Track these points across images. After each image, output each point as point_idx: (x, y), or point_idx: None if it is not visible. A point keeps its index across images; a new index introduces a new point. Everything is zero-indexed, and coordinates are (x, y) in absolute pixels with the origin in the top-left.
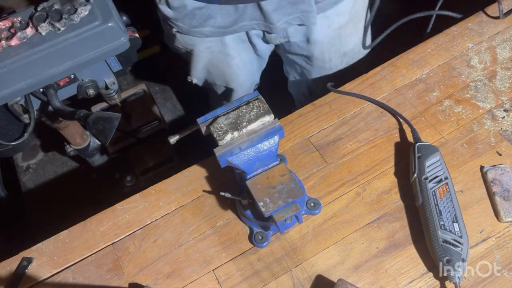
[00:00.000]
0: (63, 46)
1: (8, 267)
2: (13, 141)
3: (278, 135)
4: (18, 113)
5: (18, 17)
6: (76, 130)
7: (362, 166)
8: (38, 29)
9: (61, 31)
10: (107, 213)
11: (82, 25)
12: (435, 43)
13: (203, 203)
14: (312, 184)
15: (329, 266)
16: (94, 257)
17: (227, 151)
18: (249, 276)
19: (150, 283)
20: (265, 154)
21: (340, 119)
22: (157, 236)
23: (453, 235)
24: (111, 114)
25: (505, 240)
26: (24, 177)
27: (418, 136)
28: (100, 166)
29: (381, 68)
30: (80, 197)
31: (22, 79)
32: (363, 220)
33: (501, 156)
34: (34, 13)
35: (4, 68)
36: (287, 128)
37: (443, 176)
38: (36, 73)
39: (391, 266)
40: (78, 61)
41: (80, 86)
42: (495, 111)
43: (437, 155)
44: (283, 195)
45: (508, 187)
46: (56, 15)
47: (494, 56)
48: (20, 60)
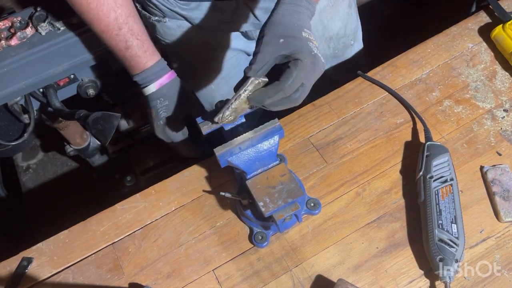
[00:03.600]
0: (62, 46)
1: (8, 267)
2: (13, 141)
3: (278, 135)
4: (18, 113)
5: (18, 17)
6: (76, 130)
7: (362, 166)
8: (38, 29)
9: (60, 31)
10: (107, 213)
11: (82, 25)
12: (435, 43)
13: (203, 203)
14: (312, 184)
15: (329, 266)
16: (94, 257)
17: (227, 151)
18: (249, 276)
19: (150, 283)
20: (265, 154)
21: (340, 119)
22: (157, 236)
23: (450, 235)
24: (111, 114)
25: (505, 240)
26: (24, 177)
27: (430, 136)
28: (100, 166)
29: (381, 68)
30: (80, 197)
31: (22, 79)
32: (363, 220)
33: (501, 156)
34: (34, 13)
35: (4, 68)
36: (287, 128)
37: (448, 177)
38: (35, 73)
39: (391, 266)
40: (78, 61)
41: (80, 86)
42: (495, 111)
43: (446, 156)
44: (283, 195)
45: (508, 187)
46: (56, 15)
47: (494, 56)
48: (20, 60)
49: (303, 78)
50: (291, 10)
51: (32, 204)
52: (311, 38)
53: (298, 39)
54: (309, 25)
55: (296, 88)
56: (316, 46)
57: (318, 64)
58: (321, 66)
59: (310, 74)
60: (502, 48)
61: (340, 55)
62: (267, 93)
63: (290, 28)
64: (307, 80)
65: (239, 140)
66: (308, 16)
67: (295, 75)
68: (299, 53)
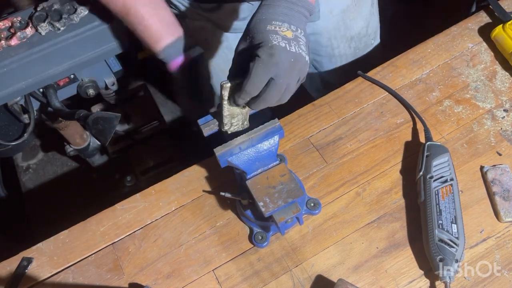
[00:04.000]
0: (62, 46)
1: (8, 267)
2: (13, 141)
3: (278, 135)
4: (18, 113)
5: (18, 17)
6: (76, 130)
7: (362, 166)
8: (38, 29)
9: (60, 31)
10: (107, 213)
11: (81, 25)
12: (435, 43)
13: (203, 203)
14: (312, 184)
15: (329, 266)
16: (94, 257)
17: (227, 151)
18: (249, 276)
19: (150, 283)
20: (265, 154)
21: (340, 119)
22: (157, 236)
23: (450, 235)
24: (111, 114)
25: (505, 240)
26: (24, 177)
27: (430, 136)
28: (100, 166)
29: (381, 68)
30: (80, 197)
31: (22, 79)
32: (363, 220)
33: (501, 156)
34: (34, 13)
35: (4, 68)
36: (287, 128)
37: (448, 177)
38: (35, 73)
39: (391, 266)
40: (78, 61)
41: (80, 86)
42: (495, 111)
43: (446, 156)
44: (283, 195)
45: (508, 187)
46: (55, 15)
47: (494, 56)
48: (19, 60)
49: (264, 74)
50: (264, 9)
51: (32, 204)
52: (278, 30)
53: (260, 33)
54: (285, 18)
55: (259, 85)
56: (287, 36)
57: (279, 56)
58: (284, 57)
59: (272, 68)
60: (502, 48)
61: (360, 55)
62: (236, 93)
63: (256, 24)
64: (274, 75)
65: (239, 140)
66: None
67: (252, 72)
68: (258, 48)
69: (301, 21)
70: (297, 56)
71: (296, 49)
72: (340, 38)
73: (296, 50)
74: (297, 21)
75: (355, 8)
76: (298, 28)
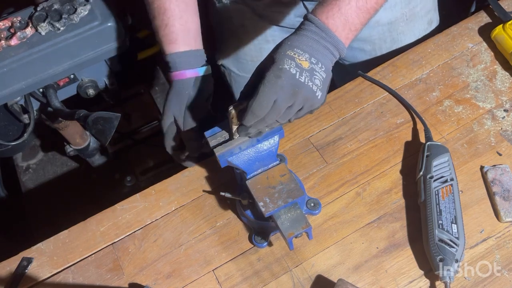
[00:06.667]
0: (62, 46)
1: (8, 267)
2: (13, 141)
3: (278, 135)
4: (18, 113)
5: (17, 16)
6: (76, 130)
7: (362, 166)
8: (38, 29)
9: (60, 31)
10: (107, 213)
11: (81, 25)
12: (435, 43)
13: (203, 203)
14: (312, 184)
15: (329, 266)
16: (94, 257)
17: (227, 151)
18: (249, 276)
19: (150, 283)
20: (265, 154)
21: (340, 119)
22: (157, 236)
23: (450, 236)
24: (111, 114)
25: (505, 240)
26: (24, 177)
27: (430, 136)
28: (100, 166)
29: (381, 68)
30: (80, 197)
31: (22, 79)
32: (363, 220)
33: (501, 156)
34: (33, 13)
35: (3, 68)
36: (287, 128)
37: (449, 177)
38: (35, 73)
39: (391, 266)
40: (78, 61)
41: (80, 86)
42: (495, 111)
43: (446, 156)
44: (283, 195)
45: (508, 187)
46: (55, 15)
47: (494, 56)
48: (19, 60)
49: (269, 93)
50: (292, 36)
51: (32, 204)
52: (295, 57)
53: (279, 55)
54: (308, 49)
55: (264, 106)
56: (302, 66)
57: (285, 80)
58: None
59: (277, 89)
60: (502, 48)
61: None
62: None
63: (279, 48)
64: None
65: (239, 140)
66: (313, 41)
67: (260, 91)
68: (268, 69)
69: (326, 56)
70: (303, 87)
71: (307, 80)
72: (386, 50)
73: (305, 81)
74: (320, 55)
75: (405, 23)
76: (319, 62)
